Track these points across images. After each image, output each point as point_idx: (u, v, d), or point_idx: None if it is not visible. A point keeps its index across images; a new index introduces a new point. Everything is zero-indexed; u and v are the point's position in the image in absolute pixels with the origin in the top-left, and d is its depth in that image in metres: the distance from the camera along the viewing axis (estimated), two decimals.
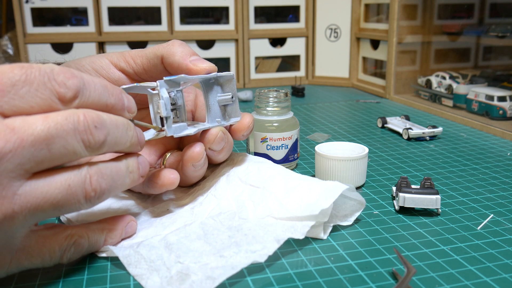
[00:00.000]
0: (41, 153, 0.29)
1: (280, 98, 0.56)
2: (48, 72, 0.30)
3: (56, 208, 0.30)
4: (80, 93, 0.31)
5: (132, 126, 0.35)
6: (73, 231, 0.35)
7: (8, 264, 0.32)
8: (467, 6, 1.02)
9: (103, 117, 0.32)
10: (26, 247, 0.32)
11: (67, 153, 0.30)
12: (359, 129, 0.78)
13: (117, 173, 0.34)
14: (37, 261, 0.33)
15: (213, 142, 0.42)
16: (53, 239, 0.33)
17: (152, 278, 0.33)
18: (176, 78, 0.39)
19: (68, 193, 0.30)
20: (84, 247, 0.35)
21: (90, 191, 0.32)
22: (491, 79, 0.92)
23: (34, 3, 1.07)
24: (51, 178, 0.30)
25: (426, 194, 0.44)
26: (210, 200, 0.44)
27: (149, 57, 0.44)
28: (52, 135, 0.29)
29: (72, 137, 0.30)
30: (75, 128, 0.30)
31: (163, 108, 0.38)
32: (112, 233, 0.37)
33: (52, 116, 0.30)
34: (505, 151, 0.65)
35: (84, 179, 0.31)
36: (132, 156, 0.36)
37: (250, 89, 1.17)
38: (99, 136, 0.31)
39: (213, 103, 0.44)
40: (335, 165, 0.50)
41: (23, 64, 0.30)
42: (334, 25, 1.20)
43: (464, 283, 0.34)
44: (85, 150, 0.31)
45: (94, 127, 0.31)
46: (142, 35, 1.13)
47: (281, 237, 0.37)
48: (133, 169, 0.36)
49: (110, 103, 0.34)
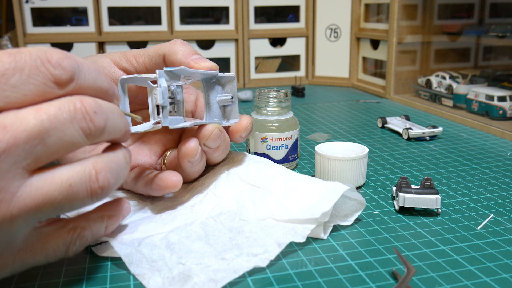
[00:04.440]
0: (36, 149, 0.27)
1: (280, 98, 0.56)
2: (40, 55, 0.28)
3: (57, 208, 0.29)
4: (76, 75, 0.29)
5: (122, 113, 0.33)
6: (75, 224, 0.34)
7: (11, 264, 0.31)
8: (467, 6, 1.02)
9: (100, 102, 0.30)
10: (29, 245, 0.31)
11: (65, 145, 0.28)
12: (359, 129, 0.78)
13: (120, 166, 0.32)
14: (41, 258, 0.32)
15: (208, 138, 0.42)
16: (56, 235, 0.33)
17: (154, 278, 0.33)
18: (176, 69, 0.39)
19: (69, 193, 0.29)
20: (88, 238, 0.35)
21: (97, 188, 0.30)
22: (491, 79, 0.92)
23: (34, 3, 1.07)
24: (51, 178, 0.28)
25: (426, 194, 0.44)
26: (210, 199, 0.44)
27: (151, 56, 0.44)
28: (46, 128, 0.27)
29: (69, 127, 0.28)
30: (72, 117, 0.28)
31: (160, 96, 0.38)
32: (111, 219, 0.37)
33: (44, 107, 0.28)
34: (505, 151, 0.65)
35: (89, 176, 0.30)
36: (123, 146, 0.34)
37: (250, 89, 1.17)
38: (99, 122, 0.29)
39: (213, 103, 0.44)
40: (335, 165, 0.50)
41: (11, 50, 0.28)
42: (334, 25, 1.20)
43: (464, 283, 0.34)
44: (85, 139, 0.29)
45: (94, 112, 0.29)
46: (142, 35, 1.13)
47: (282, 241, 0.37)
48: (128, 160, 0.34)
49: (104, 87, 0.32)
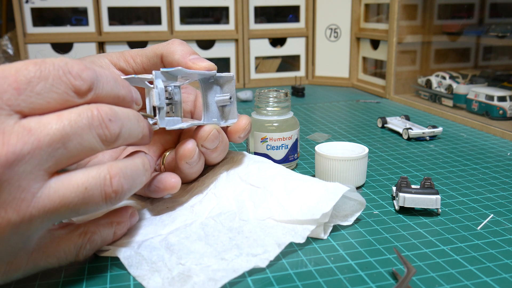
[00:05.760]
0: (58, 152, 0.29)
1: (280, 98, 0.56)
2: (62, 66, 0.30)
3: (74, 211, 0.30)
4: (94, 85, 0.31)
5: (141, 117, 0.35)
6: (85, 228, 0.35)
7: (24, 265, 0.32)
8: (467, 6, 1.02)
9: (115, 109, 0.32)
10: (42, 247, 0.32)
11: (84, 149, 0.30)
12: (359, 129, 0.78)
13: (136, 172, 0.34)
14: (53, 261, 0.33)
15: (206, 139, 0.42)
16: (68, 238, 0.34)
17: (153, 279, 0.33)
18: (173, 70, 0.39)
19: (85, 196, 0.30)
20: (98, 243, 0.36)
21: (111, 192, 0.31)
22: (491, 79, 0.92)
23: (34, 3, 1.07)
24: (68, 181, 0.30)
25: (426, 194, 0.44)
26: (210, 199, 0.44)
27: (149, 56, 0.44)
28: (68, 133, 0.29)
29: (87, 133, 0.30)
30: (90, 123, 0.30)
31: (156, 97, 0.38)
32: (120, 225, 0.38)
33: (65, 114, 0.30)
34: (505, 151, 0.65)
35: (104, 180, 0.31)
36: (144, 153, 0.36)
37: (250, 89, 1.17)
38: (114, 129, 0.31)
39: (211, 103, 0.44)
40: (335, 165, 0.50)
41: (36, 60, 0.30)
42: (334, 25, 1.20)
43: (464, 283, 0.34)
44: (102, 144, 0.31)
45: (109, 120, 0.31)
46: (142, 35, 1.13)
47: (282, 241, 0.37)
48: (148, 167, 0.36)
49: (121, 95, 0.34)
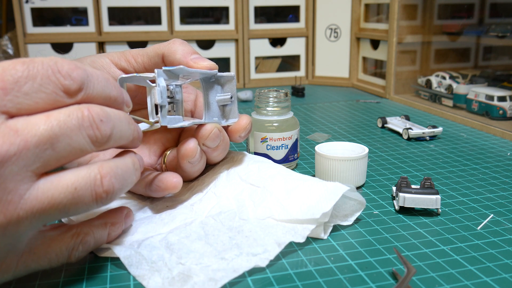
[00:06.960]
0: (46, 153, 0.28)
1: (280, 98, 0.56)
2: (51, 65, 0.29)
3: (63, 211, 0.30)
4: (85, 85, 0.31)
5: (132, 119, 0.35)
6: (78, 229, 0.34)
7: (14, 267, 0.31)
8: (467, 6, 1.02)
9: (107, 110, 0.31)
10: (32, 249, 0.32)
11: (73, 151, 0.30)
12: (359, 129, 0.78)
13: (127, 171, 0.33)
14: (44, 263, 0.33)
15: (207, 138, 0.42)
16: (59, 240, 0.33)
17: (153, 278, 0.33)
18: (175, 69, 0.39)
19: (75, 196, 0.30)
20: (91, 244, 0.35)
21: (101, 192, 0.31)
22: (491, 79, 0.92)
23: (34, 3, 1.07)
24: (57, 181, 0.29)
25: (426, 194, 0.44)
26: (210, 198, 0.44)
27: (150, 56, 0.44)
28: (56, 134, 0.29)
29: (77, 134, 0.29)
30: (80, 124, 0.29)
31: (158, 95, 0.38)
32: (114, 226, 0.37)
33: (54, 114, 0.29)
34: (505, 151, 0.65)
35: (94, 180, 0.30)
36: (133, 153, 0.36)
37: (250, 89, 1.17)
38: (105, 130, 0.31)
39: (212, 102, 0.44)
40: (335, 165, 0.50)
41: (24, 59, 0.29)
42: (334, 25, 1.20)
43: (464, 283, 0.34)
44: (92, 146, 0.30)
45: (100, 121, 0.30)
46: (142, 35, 1.13)
47: (282, 241, 0.37)
48: (137, 166, 0.35)
49: (113, 96, 0.33)
